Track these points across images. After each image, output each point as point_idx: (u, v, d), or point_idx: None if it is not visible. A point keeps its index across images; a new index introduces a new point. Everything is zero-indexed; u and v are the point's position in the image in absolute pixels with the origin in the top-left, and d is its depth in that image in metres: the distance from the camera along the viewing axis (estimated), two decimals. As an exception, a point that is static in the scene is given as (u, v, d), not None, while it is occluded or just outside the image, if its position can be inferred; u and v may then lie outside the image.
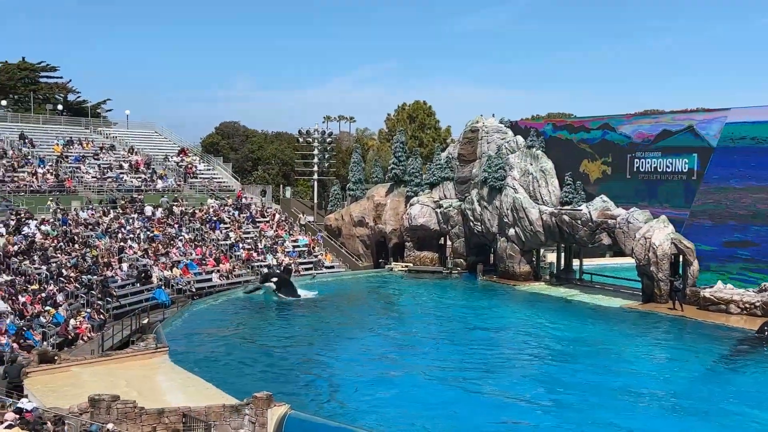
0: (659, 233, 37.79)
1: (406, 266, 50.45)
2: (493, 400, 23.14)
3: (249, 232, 50.04)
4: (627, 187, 41.39)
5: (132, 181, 51.53)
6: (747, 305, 34.69)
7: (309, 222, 55.59)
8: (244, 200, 55.02)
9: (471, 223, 48.10)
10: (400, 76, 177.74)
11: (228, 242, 47.21)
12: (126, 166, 53.67)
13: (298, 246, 50.57)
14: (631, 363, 27.77)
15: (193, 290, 39.96)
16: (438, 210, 50.07)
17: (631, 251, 38.84)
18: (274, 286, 40.76)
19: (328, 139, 65.05)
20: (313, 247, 51.31)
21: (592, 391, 23.82)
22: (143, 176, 52.91)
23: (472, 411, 21.94)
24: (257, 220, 52.55)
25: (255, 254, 46.91)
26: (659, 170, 39.93)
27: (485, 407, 22.33)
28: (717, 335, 31.89)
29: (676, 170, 39.12)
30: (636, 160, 41.04)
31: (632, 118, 42.69)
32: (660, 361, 28.80)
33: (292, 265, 46.26)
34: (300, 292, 40.73)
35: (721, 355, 29.02)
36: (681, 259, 38.10)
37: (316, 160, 63.59)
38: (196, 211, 49.95)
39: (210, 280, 41.97)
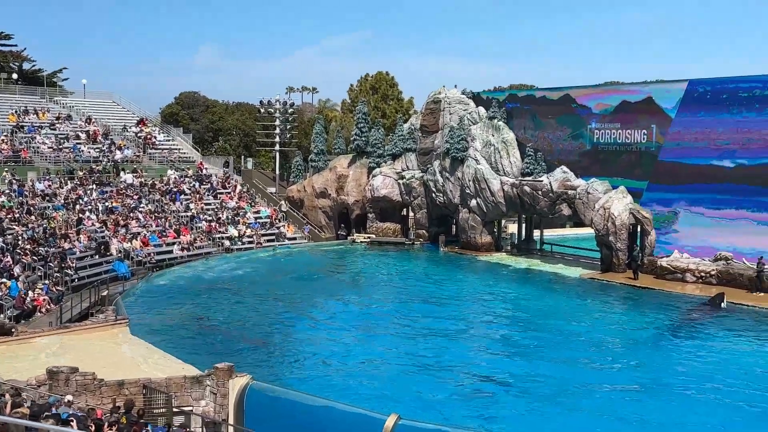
0: (618, 204, 38.27)
1: (369, 237, 50.51)
2: (452, 368, 23.41)
3: (210, 204, 49.61)
4: (587, 157, 41.82)
5: (89, 152, 50.64)
6: (702, 274, 35.39)
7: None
8: (204, 171, 54.45)
9: (433, 194, 48.25)
10: (365, 48, 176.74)
11: (189, 214, 46.77)
12: (83, 136, 52.69)
13: (260, 217, 50.30)
14: (584, 330, 28.31)
15: (154, 262, 39.63)
16: (400, 181, 50.11)
17: (591, 221, 39.32)
18: None
19: (290, 110, 64.58)
20: (276, 219, 51.08)
21: (544, 358, 24.29)
22: (101, 147, 52.02)
23: (431, 379, 22.20)
24: (218, 191, 52.09)
25: (217, 226, 46.58)
26: (618, 141, 40.40)
27: (445, 376, 22.60)
28: (670, 303, 32.53)
29: (635, 141, 39.61)
30: (596, 130, 41.45)
31: (592, 89, 43.02)
32: (610, 328, 29.20)
33: None
34: None
35: (670, 323, 29.60)
36: (639, 228, 38.67)
37: (277, 131, 63.12)
38: (156, 183, 49.37)
39: (171, 252, 41.63)
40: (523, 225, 48.15)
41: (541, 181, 42.12)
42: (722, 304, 31.22)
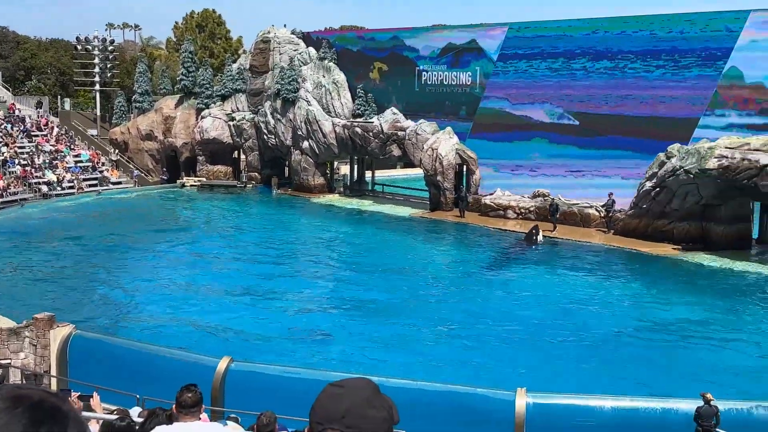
0: (445, 144, 39.45)
1: (199, 181, 49.28)
2: (285, 309, 23.53)
3: (24, 147, 46.42)
4: (416, 99, 42.62)
5: None
6: (522, 210, 37.40)
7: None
8: (17, 113, 50.71)
9: (265, 136, 47.62)
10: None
11: (0, 158, 43.53)
12: None
13: (81, 161, 47.69)
14: (413, 266, 29.41)
15: (-38, 210, 36.77)
16: (230, 123, 49.01)
17: (420, 162, 40.34)
18: None
19: (110, 48, 61.15)
20: (99, 162, 48.61)
21: (376, 294, 25.02)
22: None
23: (264, 320, 22.21)
24: (33, 134, 48.76)
25: (32, 170, 43.71)
26: (445, 83, 41.40)
27: (278, 317, 22.68)
28: (492, 239, 34.28)
29: (461, 83, 40.72)
30: (424, 72, 42.24)
31: (420, 31, 43.66)
32: (437, 263, 30.57)
33: None
34: None
35: (490, 256, 31.24)
36: (465, 168, 40.11)
37: (97, 69, 59.66)
38: (-39, 125, 45.50)
39: (-19, 199, 38.76)
40: (356, 166, 48.66)
41: (372, 122, 42.59)
42: (537, 237, 33.16)
